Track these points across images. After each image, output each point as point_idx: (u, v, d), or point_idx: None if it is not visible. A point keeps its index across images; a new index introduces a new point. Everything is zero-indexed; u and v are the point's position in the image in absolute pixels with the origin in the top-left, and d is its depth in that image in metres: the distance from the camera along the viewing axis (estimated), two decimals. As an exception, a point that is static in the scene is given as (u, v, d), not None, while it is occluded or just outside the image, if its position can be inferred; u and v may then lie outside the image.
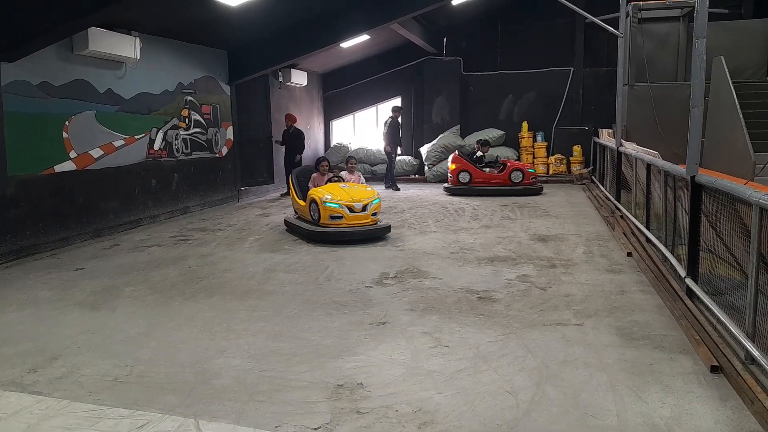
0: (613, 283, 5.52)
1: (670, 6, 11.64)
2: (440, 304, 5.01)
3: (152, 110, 9.42)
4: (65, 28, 6.88)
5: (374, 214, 7.76)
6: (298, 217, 8.33)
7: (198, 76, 10.57)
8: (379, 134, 14.80)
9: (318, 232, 7.53)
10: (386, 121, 13.76)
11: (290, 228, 8.35)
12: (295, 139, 12.71)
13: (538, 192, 12.18)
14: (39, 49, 7.01)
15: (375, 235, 7.62)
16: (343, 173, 8.72)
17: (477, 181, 12.29)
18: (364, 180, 8.68)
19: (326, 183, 8.15)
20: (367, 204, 7.64)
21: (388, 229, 7.84)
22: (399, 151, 14.11)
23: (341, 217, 7.46)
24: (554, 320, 4.54)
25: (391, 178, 13.72)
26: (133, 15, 8.31)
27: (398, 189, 13.38)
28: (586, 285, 5.49)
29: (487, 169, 12.32)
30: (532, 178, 12.29)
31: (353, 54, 14.42)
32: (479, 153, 12.63)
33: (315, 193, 7.68)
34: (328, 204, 7.45)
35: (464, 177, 12.34)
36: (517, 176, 12.15)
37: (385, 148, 13.84)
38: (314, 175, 8.50)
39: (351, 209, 7.49)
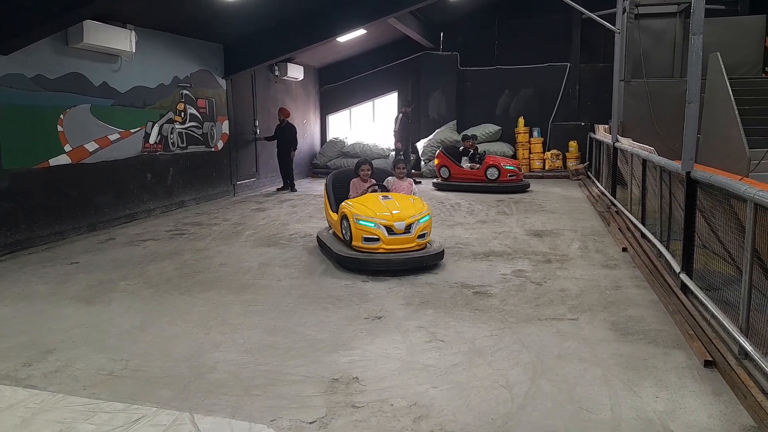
0: (608, 278, 5.54)
1: (666, 2, 11.65)
2: (436, 298, 5.02)
3: (148, 104, 9.37)
4: (60, 21, 6.81)
5: (422, 236, 5.96)
6: (333, 233, 6.69)
7: (194, 69, 10.53)
8: (387, 130, 14.69)
9: (349, 257, 5.90)
10: (397, 117, 13.64)
11: (321, 246, 6.76)
12: (287, 134, 12.54)
13: (518, 190, 11.72)
14: (33, 42, 6.96)
15: (421, 264, 5.83)
16: (390, 179, 6.77)
17: (456, 177, 12.20)
18: (416, 189, 6.88)
19: (366, 192, 6.54)
20: (413, 223, 5.86)
21: (439, 255, 6.02)
22: (409, 147, 13.93)
23: (378, 240, 5.79)
24: (549, 315, 4.56)
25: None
26: (129, 8, 8.26)
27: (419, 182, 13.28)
28: (581, 280, 5.50)
29: (466, 165, 12.11)
30: (510, 176, 11.83)
31: (350, 48, 14.37)
32: (463, 147, 12.47)
33: (346, 206, 6.10)
34: (360, 222, 5.81)
35: (444, 172, 12.34)
36: (492, 173, 11.87)
37: (395, 145, 13.65)
38: (354, 180, 6.75)
39: (390, 230, 5.77)
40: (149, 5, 8.52)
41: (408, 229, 5.84)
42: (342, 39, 12.42)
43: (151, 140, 9.47)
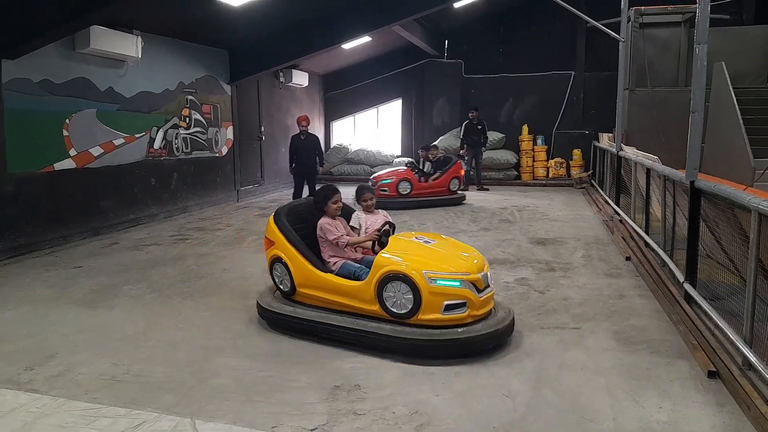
0: (612, 288, 5.52)
1: (671, 11, 11.66)
2: (438, 306, 5.00)
3: (153, 109, 9.42)
4: (67, 27, 6.88)
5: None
6: (307, 305, 4.36)
7: (199, 75, 10.57)
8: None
9: (426, 341, 3.83)
10: (464, 124, 13.31)
11: (277, 322, 4.43)
12: (311, 146, 9.75)
13: (450, 203, 10.88)
14: (41, 47, 7.01)
15: (502, 338, 4.08)
16: (359, 216, 4.72)
17: (417, 192, 10.79)
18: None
19: (377, 233, 4.43)
20: (487, 272, 4.13)
21: (508, 328, 4.10)
22: (462, 152, 13.27)
23: (464, 306, 3.88)
24: (552, 324, 4.54)
25: (469, 179, 13.11)
26: (135, 14, 8.31)
27: (486, 189, 13.14)
28: (584, 289, 5.49)
29: (422, 179, 10.95)
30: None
31: (354, 55, 14.43)
32: (423, 159, 11.44)
33: (407, 260, 3.95)
34: (441, 282, 3.85)
35: (404, 187, 10.70)
36: (455, 184, 11.14)
37: (461, 153, 13.26)
38: (325, 221, 4.49)
39: (477, 287, 3.94)
40: (155, 11, 8.57)
41: (487, 284, 4.05)
42: (347, 46, 12.46)
43: (156, 145, 9.51)
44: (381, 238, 4.35)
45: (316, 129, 15.86)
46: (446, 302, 3.84)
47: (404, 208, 10.38)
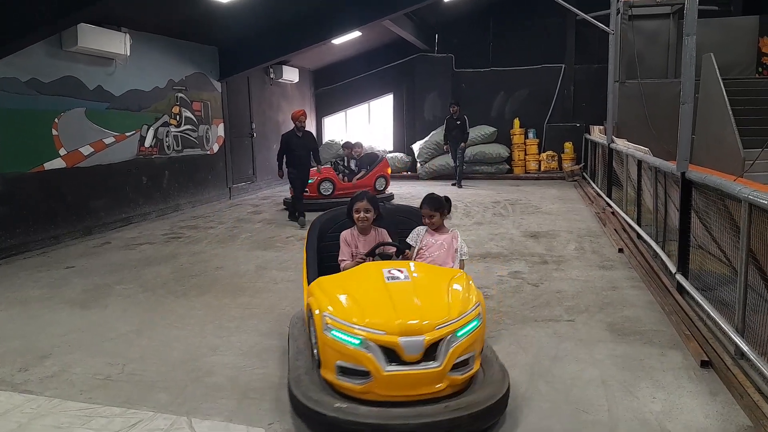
0: (605, 279, 5.55)
1: (660, 3, 11.70)
2: (433, 300, 5.01)
3: (143, 107, 9.36)
4: (54, 26, 6.81)
5: (460, 366, 2.90)
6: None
7: (189, 72, 10.51)
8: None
9: (308, 408, 2.81)
10: (446, 119, 13.16)
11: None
12: (307, 143, 8.99)
13: None
14: (27, 46, 6.94)
15: None
16: (418, 233, 3.86)
17: (340, 191, 10.12)
18: (465, 253, 3.87)
19: (361, 258, 3.67)
20: (441, 339, 2.82)
21: (500, 407, 2.92)
22: (445, 148, 13.28)
23: (367, 376, 2.78)
24: (546, 316, 4.57)
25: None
26: (123, 11, 8.25)
27: (460, 186, 12.81)
28: (577, 281, 5.52)
29: (345, 178, 10.58)
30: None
31: (345, 51, 14.39)
32: (346, 157, 11.10)
33: (316, 290, 3.19)
34: (333, 334, 2.87)
35: (326, 187, 10.15)
36: (381, 184, 10.75)
37: (444, 148, 13.26)
38: (345, 234, 3.84)
39: (393, 354, 2.77)
40: (144, 8, 8.50)
41: (431, 351, 2.79)
42: (337, 41, 12.43)
43: (147, 143, 9.46)
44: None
45: (308, 125, 15.80)
46: (338, 362, 2.83)
47: (326, 209, 9.39)
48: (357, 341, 2.78)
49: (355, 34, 12.23)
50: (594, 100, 14.01)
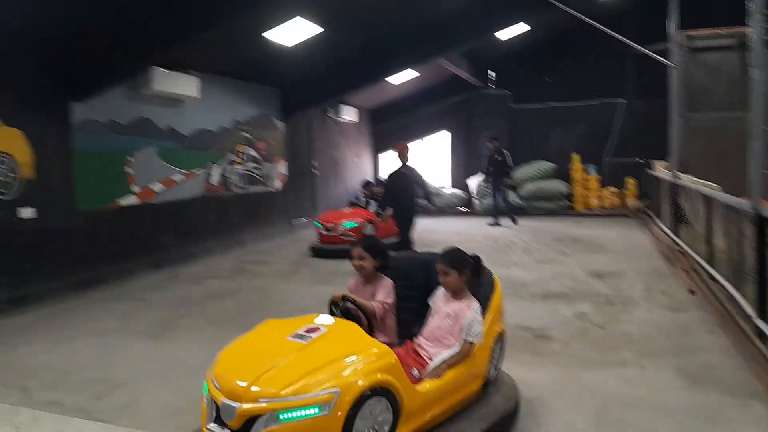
0: (676, 322, 5.32)
1: (723, 35, 11.40)
2: (495, 340, 4.93)
3: (210, 146, 9.78)
4: (129, 69, 7.31)
5: None
6: None
7: (253, 113, 10.94)
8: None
9: None
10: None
11: None
12: (411, 180, 8.27)
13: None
14: (107, 90, 7.42)
15: None
16: (437, 296, 3.38)
17: (380, 233, 9.02)
18: (474, 325, 3.05)
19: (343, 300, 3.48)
20: (260, 416, 2.41)
21: None
22: (486, 186, 13.07)
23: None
24: (614, 360, 4.40)
25: (499, 211, 12.77)
26: (193, 55, 8.70)
27: (499, 224, 12.43)
28: (646, 324, 5.31)
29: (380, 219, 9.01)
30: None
31: (400, 89, 14.65)
32: (365, 198, 10.23)
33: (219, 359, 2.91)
34: (205, 384, 2.77)
35: (370, 230, 9.45)
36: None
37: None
38: (352, 280, 3.90)
39: (216, 411, 2.57)
40: (212, 52, 8.95)
41: (250, 425, 2.43)
42: (393, 80, 12.68)
43: (213, 181, 9.84)
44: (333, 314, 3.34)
45: (364, 161, 16.08)
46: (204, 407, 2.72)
47: None
48: (204, 390, 2.70)
49: (413, 74, 12.45)
50: (655, 135, 13.62)
